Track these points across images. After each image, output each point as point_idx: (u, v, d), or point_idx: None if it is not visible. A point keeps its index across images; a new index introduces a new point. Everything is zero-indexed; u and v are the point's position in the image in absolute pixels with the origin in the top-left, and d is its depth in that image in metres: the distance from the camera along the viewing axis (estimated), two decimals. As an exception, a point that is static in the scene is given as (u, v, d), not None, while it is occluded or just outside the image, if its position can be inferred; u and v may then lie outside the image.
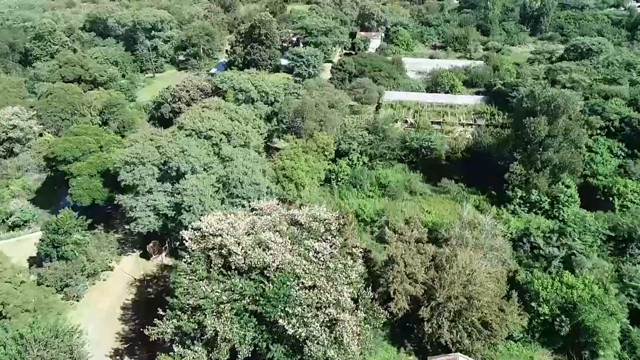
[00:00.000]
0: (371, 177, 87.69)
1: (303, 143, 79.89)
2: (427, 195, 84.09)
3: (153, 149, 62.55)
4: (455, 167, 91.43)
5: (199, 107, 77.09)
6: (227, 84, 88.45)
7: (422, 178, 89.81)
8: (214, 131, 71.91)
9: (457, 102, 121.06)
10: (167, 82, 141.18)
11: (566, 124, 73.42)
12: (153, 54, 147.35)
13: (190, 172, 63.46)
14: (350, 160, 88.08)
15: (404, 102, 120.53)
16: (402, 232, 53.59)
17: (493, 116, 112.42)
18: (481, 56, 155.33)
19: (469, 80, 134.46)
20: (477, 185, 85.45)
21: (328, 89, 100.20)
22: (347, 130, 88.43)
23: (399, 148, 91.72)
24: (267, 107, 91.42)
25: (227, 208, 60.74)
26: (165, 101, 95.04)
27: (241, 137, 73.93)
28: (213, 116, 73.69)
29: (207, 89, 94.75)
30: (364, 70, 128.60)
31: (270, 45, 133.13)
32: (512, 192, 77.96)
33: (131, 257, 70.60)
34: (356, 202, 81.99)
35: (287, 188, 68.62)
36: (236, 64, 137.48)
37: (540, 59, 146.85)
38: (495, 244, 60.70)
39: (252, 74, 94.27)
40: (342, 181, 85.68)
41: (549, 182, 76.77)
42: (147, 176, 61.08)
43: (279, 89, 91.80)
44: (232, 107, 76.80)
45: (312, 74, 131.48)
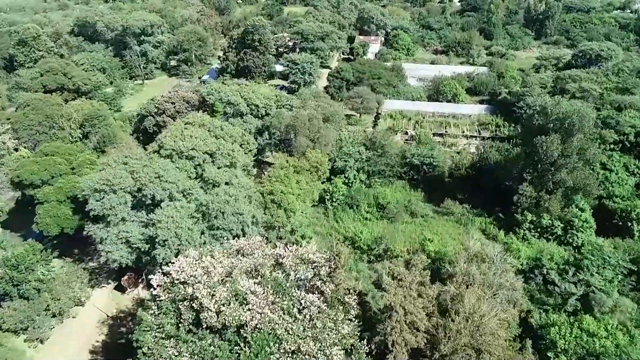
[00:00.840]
0: (369, 196, 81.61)
1: (295, 162, 73.78)
2: (429, 217, 77.90)
3: (126, 174, 56.42)
4: (459, 185, 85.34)
5: (182, 124, 70.93)
6: (214, 96, 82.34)
7: (423, 197, 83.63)
8: (196, 151, 65.75)
9: (460, 111, 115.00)
10: (157, 89, 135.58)
11: (581, 143, 67.27)
12: (142, 60, 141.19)
13: (168, 199, 57.38)
14: (347, 178, 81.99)
15: (404, 111, 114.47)
16: (401, 278, 47.44)
17: (498, 127, 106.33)
18: (485, 62, 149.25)
19: (472, 87, 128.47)
20: (483, 206, 79.32)
21: (323, 100, 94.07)
22: (343, 146, 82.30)
23: (398, 164, 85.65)
24: (257, 120, 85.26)
25: (207, 241, 54.65)
26: (149, 114, 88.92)
27: (227, 157, 67.76)
28: (196, 134, 67.55)
29: (193, 101, 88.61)
30: (362, 78, 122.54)
31: (264, 52, 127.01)
32: (521, 216, 71.79)
33: (105, 290, 64.50)
34: (352, 225, 75.80)
35: (275, 215, 62.51)
36: (229, 71, 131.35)
37: (546, 65, 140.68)
38: (505, 282, 54.55)
39: (241, 84, 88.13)
40: (337, 201, 79.57)
41: (561, 205, 70.68)
42: (119, 205, 54.96)
43: (271, 101, 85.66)
44: (217, 124, 70.62)
45: (308, 81, 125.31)
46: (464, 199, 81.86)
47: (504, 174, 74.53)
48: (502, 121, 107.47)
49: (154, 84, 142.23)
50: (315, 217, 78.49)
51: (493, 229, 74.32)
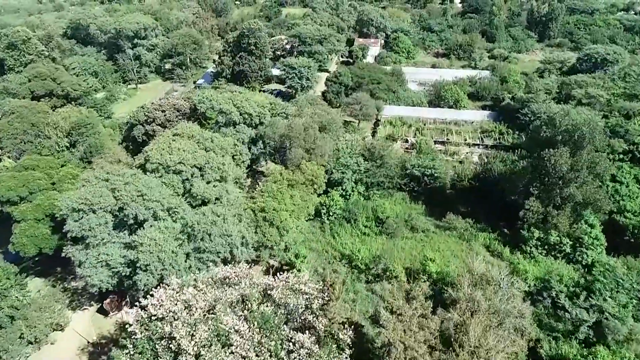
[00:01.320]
0: (367, 209, 77.91)
1: (289, 175, 70.11)
2: (430, 232, 74.19)
3: (107, 192, 52.78)
4: (461, 197, 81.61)
5: (169, 135, 67.27)
6: (205, 104, 78.67)
7: (424, 210, 79.95)
8: (184, 165, 62.21)
9: (463, 118, 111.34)
10: (151, 94, 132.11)
11: (592, 156, 63.55)
12: (136, 64, 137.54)
13: (152, 218, 53.72)
14: (344, 190, 78.31)
15: (405, 118, 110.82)
16: (401, 313, 43.76)
17: (502, 135, 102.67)
18: (487, 65, 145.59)
19: (475, 92, 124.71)
20: (487, 220, 75.58)
21: (320, 107, 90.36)
22: (341, 157, 78.61)
23: (398, 176, 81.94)
24: (251, 130, 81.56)
25: (192, 265, 50.95)
26: (138, 122, 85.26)
27: (216, 172, 64.14)
28: (184, 147, 63.93)
29: (184, 109, 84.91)
30: (361, 83, 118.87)
31: (260, 56, 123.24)
32: (527, 233, 68.08)
33: (87, 313, 60.79)
34: (350, 241, 72.18)
35: (267, 233, 58.85)
36: (224, 75, 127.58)
37: (550, 69, 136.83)
38: (512, 308, 50.81)
39: (234, 92, 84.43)
40: (334, 215, 75.87)
41: (570, 222, 66.98)
42: (99, 226, 51.33)
43: (265, 109, 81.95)
44: (207, 136, 66.96)
45: (305, 86, 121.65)
46: (467, 212, 78.16)
47: (509, 187, 70.79)
48: (506, 128, 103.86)
49: (147, 88, 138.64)
50: (311, 231, 74.82)
51: (498, 246, 70.63)
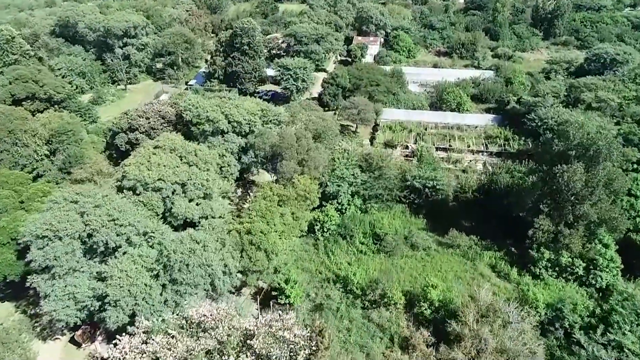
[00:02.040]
0: (364, 224, 72.98)
1: (280, 190, 65.03)
2: (431, 250, 69.22)
3: (75, 216, 47.79)
4: (465, 210, 76.57)
5: (150, 148, 62.12)
6: (191, 112, 73.48)
7: (425, 225, 74.99)
8: (164, 182, 57.18)
9: (466, 122, 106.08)
10: (140, 95, 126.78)
11: (608, 173, 58.43)
12: (125, 64, 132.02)
13: (127, 244, 48.74)
14: (340, 203, 73.27)
15: (405, 122, 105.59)
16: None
17: (507, 141, 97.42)
18: (490, 65, 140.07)
19: (478, 94, 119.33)
20: (493, 237, 70.60)
21: (315, 114, 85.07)
22: (336, 168, 73.50)
23: (398, 188, 76.86)
24: (240, 139, 76.36)
25: (169, 299, 45.98)
26: (121, 130, 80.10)
27: (200, 188, 59.07)
28: (165, 161, 58.87)
29: (170, 116, 79.69)
30: (359, 85, 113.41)
31: (254, 56, 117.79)
32: (537, 253, 63.12)
33: (59, 344, 55.91)
34: (345, 259, 67.30)
35: (254, 258, 53.84)
36: (216, 76, 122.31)
37: (557, 69, 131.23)
38: (523, 346, 45.94)
39: (223, 98, 79.15)
40: (328, 231, 70.88)
41: (583, 241, 62.02)
42: (65, 255, 46.38)
43: (255, 116, 76.71)
44: (190, 149, 61.80)
45: (301, 88, 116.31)
46: (471, 228, 73.18)
47: (517, 203, 65.67)
48: (511, 134, 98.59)
49: (137, 89, 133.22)
50: (304, 249, 69.87)
51: (504, 266, 65.68)
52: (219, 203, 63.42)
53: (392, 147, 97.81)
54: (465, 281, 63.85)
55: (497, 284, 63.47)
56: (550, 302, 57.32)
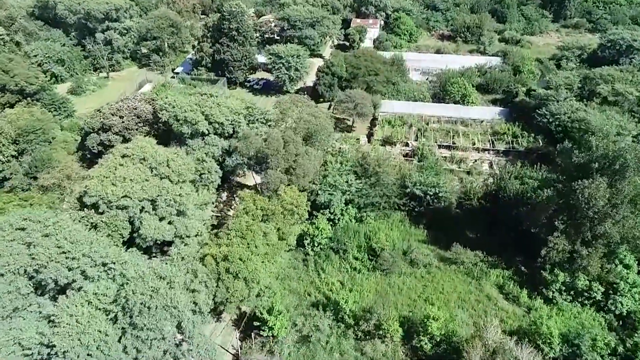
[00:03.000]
0: (359, 236, 66.47)
1: (264, 203, 58.23)
2: (432, 267, 62.81)
3: (20, 247, 41.19)
4: (469, 220, 69.78)
5: (117, 157, 55.05)
6: (168, 112, 66.14)
7: (425, 237, 68.44)
8: (131, 199, 50.37)
9: (470, 116, 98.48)
10: (124, 84, 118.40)
11: (635, 188, 51.47)
12: (107, 49, 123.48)
13: (82, 276, 42.25)
14: (332, 213, 66.55)
15: (405, 115, 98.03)
16: None
17: (516, 138, 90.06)
18: (497, 51, 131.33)
19: (484, 83, 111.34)
20: (500, 252, 64.00)
21: (307, 110, 77.53)
22: (328, 175, 66.54)
23: (396, 195, 70.04)
24: (223, 141, 69.13)
25: (129, 345, 39.68)
26: (93, 130, 72.82)
27: (172, 205, 52.28)
28: (132, 174, 51.92)
29: (145, 114, 72.23)
30: (356, 74, 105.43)
31: (243, 42, 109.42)
32: (550, 274, 56.71)
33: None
34: (337, 279, 60.95)
35: (232, 288, 47.42)
36: (204, 64, 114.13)
37: (568, 56, 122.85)
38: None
39: (204, 95, 71.52)
40: (319, 246, 64.40)
41: (602, 262, 55.58)
42: (8, 294, 39.95)
43: (240, 116, 69.32)
44: (161, 159, 54.61)
45: (294, 77, 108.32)
46: (476, 240, 66.63)
47: (529, 219, 58.89)
48: (520, 130, 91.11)
49: (121, 77, 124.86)
50: (292, 265, 63.49)
51: (513, 287, 59.33)
52: (196, 218, 56.69)
53: (391, 144, 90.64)
54: (469, 304, 57.63)
55: (505, 308, 57.29)
56: (565, 332, 51.16)
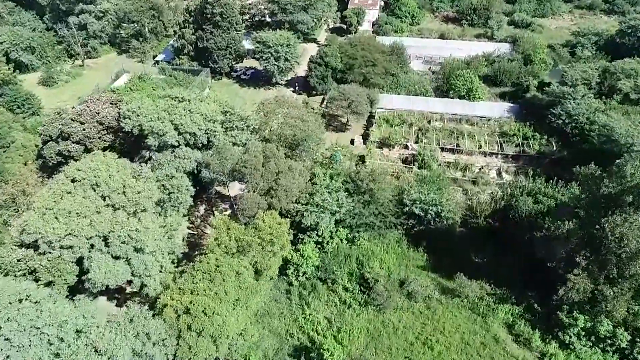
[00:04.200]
0: (350, 261, 58.97)
1: (238, 232, 50.34)
2: (433, 300, 55.35)
3: None
4: (475, 243, 62.06)
5: (63, 183, 46.88)
6: (131, 121, 57.59)
7: (425, 261, 60.85)
8: (77, 237, 42.49)
9: (477, 113, 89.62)
10: (101, 73, 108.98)
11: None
12: (82, 35, 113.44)
13: (9, 345, 34.79)
14: (320, 236, 58.72)
15: (405, 113, 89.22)
16: None
17: (526, 140, 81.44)
18: (506, 36, 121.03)
19: (492, 74, 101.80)
20: (510, 283, 56.42)
21: (295, 112, 68.80)
22: (316, 192, 58.40)
23: (393, 213, 62.07)
24: (196, 152, 60.73)
25: None
26: (51, 138, 64.36)
27: (128, 242, 44.43)
28: (79, 206, 43.93)
29: (109, 120, 63.57)
30: (352, 65, 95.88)
31: (228, 28, 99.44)
32: (567, 317, 49.28)
33: None
34: (324, 315, 53.71)
35: (195, 348, 39.99)
36: (186, 52, 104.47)
37: (584, 42, 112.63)
38: None
39: (175, 98, 62.64)
40: (305, 275, 56.89)
41: (628, 304, 48.11)
42: None
43: (216, 124, 60.72)
44: (116, 185, 46.41)
45: (283, 68, 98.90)
46: (483, 267, 59.13)
47: (545, 249, 51.11)
48: (531, 131, 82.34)
49: (98, 64, 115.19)
50: (274, 297, 56.04)
51: (524, 328, 51.86)
52: (161, 250, 48.95)
53: (388, 147, 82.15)
54: (474, 348, 50.46)
55: (515, 353, 50.07)
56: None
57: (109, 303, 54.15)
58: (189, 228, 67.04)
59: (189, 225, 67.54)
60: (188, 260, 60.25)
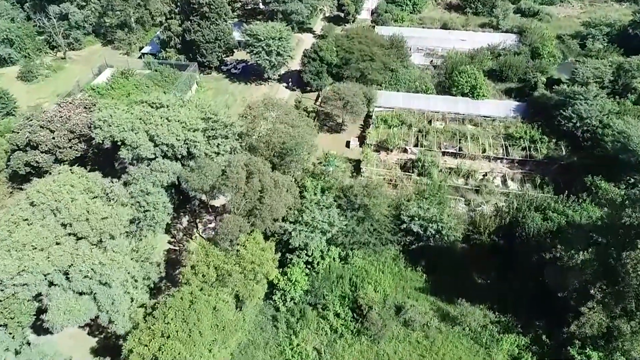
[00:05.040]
0: (343, 282, 54.47)
1: (217, 258, 45.64)
2: (432, 328, 50.87)
3: None
4: (478, 262, 57.19)
5: (20, 209, 41.93)
6: (102, 131, 52.46)
7: (424, 282, 56.27)
8: (32, 274, 37.79)
9: (481, 112, 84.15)
10: (84, 66, 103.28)
11: None
12: (63, 25, 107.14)
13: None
14: (311, 256, 54.01)
15: (404, 112, 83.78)
16: None
17: (534, 143, 76.16)
18: (512, 26, 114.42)
19: (497, 69, 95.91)
20: (515, 309, 51.77)
21: (285, 118, 63.34)
22: (305, 209, 53.47)
23: (389, 229, 57.26)
24: (175, 164, 55.58)
25: None
26: (18, 147, 59.21)
27: (93, 276, 39.76)
28: (35, 238, 39.05)
29: (81, 127, 58.28)
30: (349, 60, 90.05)
31: (216, 20, 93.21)
32: (580, 354, 44.85)
33: None
34: (313, 345, 49.37)
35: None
36: (172, 45, 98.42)
37: (595, 34, 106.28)
38: None
39: (153, 104, 57.21)
40: (293, 300, 52.39)
41: (647, 340, 43.64)
42: None
43: (197, 133, 55.48)
44: (78, 211, 41.42)
45: (276, 63, 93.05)
46: (486, 290, 54.58)
47: (556, 278, 46.41)
48: (539, 133, 77.01)
49: (81, 57, 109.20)
50: (259, 325, 51.63)
51: (531, 362, 47.73)
52: (132, 279, 44.34)
53: (386, 150, 76.95)
54: (477, 385, 46.30)
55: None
56: None
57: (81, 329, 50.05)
58: (169, 242, 62.49)
59: (170, 239, 62.96)
60: (168, 280, 56.11)
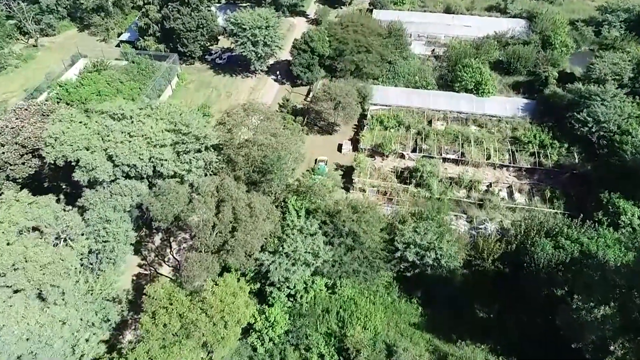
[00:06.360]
0: (329, 318, 48.79)
1: (182, 306, 39.71)
2: (428, 374, 45.56)
3: None
4: (481, 294, 51.35)
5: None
6: (54, 149, 45.80)
7: (420, 317, 50.57)
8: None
9: (486, 111, 77.10)
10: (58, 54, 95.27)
11: None
12: (34, 9, 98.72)
13: None
14: (293, 289, 48.17)
15: (402, 110, 76.71)
16: None
17: (543, 148, 69.33)
18: (521, 10, 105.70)
19: (504, 60, 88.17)
20: (523, 350, 46.27)
21: (266, 125, 56.49)
22: (286, 237, 47.21)
23: (382, 257, 51.19)
24: (140, 184, 49.09)
25: None
26: (-37, 163, 52.70)
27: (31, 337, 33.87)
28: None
29: (33, 142, 51.43)
30: (343, 51, 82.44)
31: (197, 6, 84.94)
32: (595, 414, 39.55)
33: None
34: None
35: None
36: (151, 33, 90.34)
37: (611, 20, 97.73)
38: None
39: (115, 115, 50.22)
40: (272, 341, 46.77)
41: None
42: None
43: (164, 149, 48.78)
44: (12, 258, 35.24)
45: (263, 55, 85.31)
46: (489, 326, 48.92)
47: (571, 329, 40.60)
48: (549, 138, 70.07)
49: (55, 44, 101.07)
50: (235, 367, 46.32)
51: (540, 419, 42.38)
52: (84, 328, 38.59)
53: (381, 155, 70.27)
54: None
55: None
56: None
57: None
58: (139, 266, 56.58)
59: (141, 261, 57.03)
60: (135, 312, 50.33)
